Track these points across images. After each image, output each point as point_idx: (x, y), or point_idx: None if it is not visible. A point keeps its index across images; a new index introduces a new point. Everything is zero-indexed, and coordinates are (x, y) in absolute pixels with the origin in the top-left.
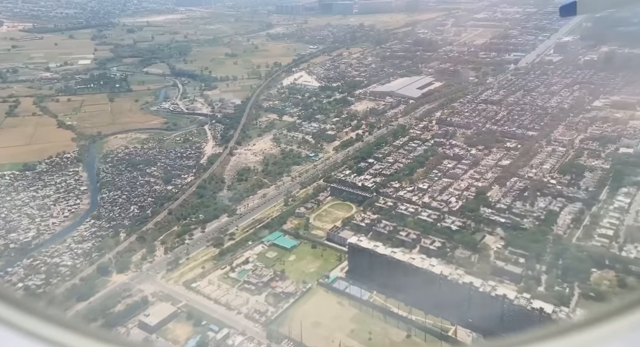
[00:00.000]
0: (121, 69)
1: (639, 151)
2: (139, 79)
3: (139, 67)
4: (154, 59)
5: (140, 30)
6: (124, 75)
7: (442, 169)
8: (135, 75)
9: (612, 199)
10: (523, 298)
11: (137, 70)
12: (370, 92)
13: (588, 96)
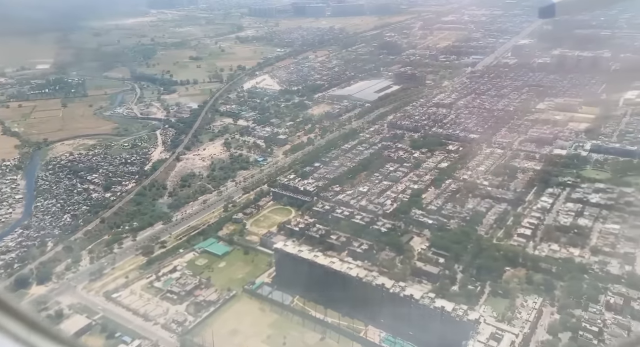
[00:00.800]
0: (81, 74)
1: (571, 152)
2: (97, 84)
3: (99, 72)
4: (116, 62)
5: (108, 33)
6: (82, 79)
7: (384, 172)
8: (94, 79)
9: (537, 200)
10: (428, 298)
11: (97, 75)
12: (329, 96)
13: (535, 99)
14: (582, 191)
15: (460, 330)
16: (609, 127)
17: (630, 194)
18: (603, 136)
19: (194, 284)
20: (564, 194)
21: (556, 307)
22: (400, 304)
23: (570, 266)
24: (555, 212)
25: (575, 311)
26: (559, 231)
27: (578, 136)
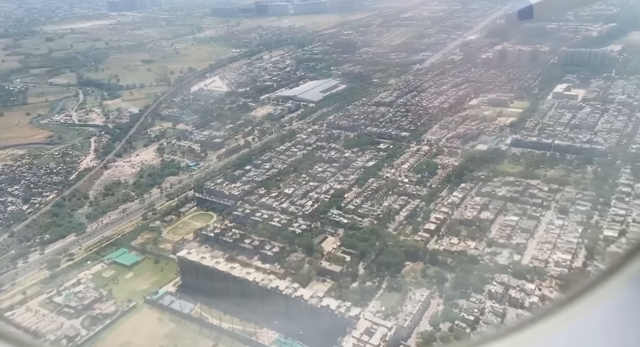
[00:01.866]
0: (25, 81)
1: (492, 147)
2: (40, 91)
3: (45, 78)
4: (64, 68)
5: (62, 38)
6: (25, 87)
7: (312, 173)
8: (38, 86)
9: (450, 195)
10: (316, 297)
11: (42, 81)
12: (275, 97)
13: (471, 95)
14: (492, 185)
15: (342, 326)
16: (532, 121)
17: (535, 185)
18: (525, 130)
19: (93, 297)
20: (476, 189)
21: (443, 298)
22: (292, 305)
23: (463, 258)
24: (464, 207)
25: (460, 301)
26: (463, 224)
27: (502, 131)
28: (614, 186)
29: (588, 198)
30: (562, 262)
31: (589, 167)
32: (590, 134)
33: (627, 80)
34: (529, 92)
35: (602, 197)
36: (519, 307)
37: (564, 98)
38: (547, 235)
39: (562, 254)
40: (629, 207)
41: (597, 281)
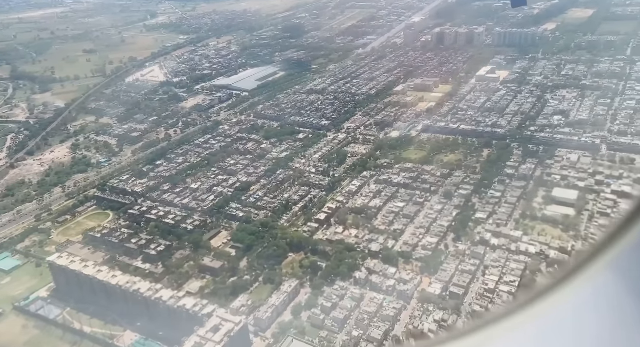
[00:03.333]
0: None
1: (403, 134)
2: None
3: None
4: (1, 61)
5: (7, 28)
6: None
7: (224, 166)
8: None
9: (350, 184)
10: (176, 298)
11: None
12: (209, 87)
13: (401, 80)
14: (391, 172)
15: (196, 325)
16: (448, 106)
17: (428, 171)
18: (438, 115)
19: None
20: (376, 177)
21: (311, 287)
22: (153, 307)
23: (340, 247)
24: (359, 195)
25: (326, 289)
26: (354, 213)
27: (418, 117)
28: (500, 169)
29: (473, 182)
30: (428, 245)
31: (486, 150)
32: (497, 117)
33: (550, 60)
34: (455, 76)
35: (486, 180)
36: (378, 291)
37: (485, 81)
38: (424, 220)
39: (430, 238)
40: (506, 189)
41: (572, 269)
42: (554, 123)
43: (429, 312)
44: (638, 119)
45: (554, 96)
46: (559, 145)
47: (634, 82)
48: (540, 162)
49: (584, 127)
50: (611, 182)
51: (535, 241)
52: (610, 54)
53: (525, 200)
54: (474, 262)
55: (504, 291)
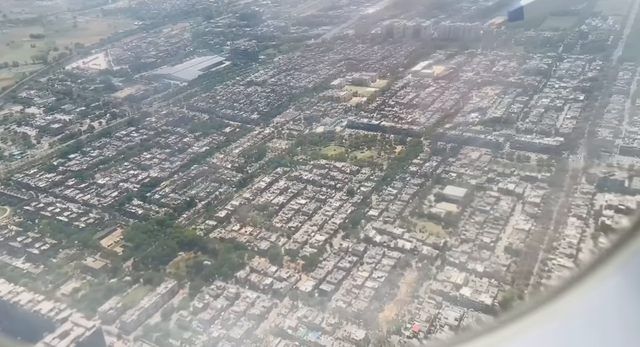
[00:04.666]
0: None
1: (327, 129)
2: None
3: None
4: None
5: None
6: None
7: (139, 160)
8: None
9: (261, 180)
10: (34, 301)
11: None
12: (150, 76)
13: (342, 73)
14: (304, 168)
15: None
16: (378, 101)
17: (339, 168)
18: (366, 111)
19: None
20: (288, 173)
21: (188, 287)
22: (11, 311)
23: (231, 245)
24: (267, 192)
25: (204, 289)
26: (257, 210)
27: (347, 112)
28: (405, 166)
29: (376, 179)
30: (315, 243)
31: (399, 147)
32: (420, 113)
33: (486, 56)
34: (393, 71)
35: (389, 177)
36: (255, 289)
37: (420, 76)
38: (321, 217)
39: (320, 236)
40: (404, 186)
41: (582, 273)
42: (469, 120)
43: (295, 309)
44: (547, 117)
45: (478, 93)
46: (467, 143)
47: (555, 80)
48: (443, 159)
49: (496, 125)
50: (500, 180)
51: (413, 238)
52: (543, 51)
53: (418, 197)
54: (352, 259)
55: (369, 286)
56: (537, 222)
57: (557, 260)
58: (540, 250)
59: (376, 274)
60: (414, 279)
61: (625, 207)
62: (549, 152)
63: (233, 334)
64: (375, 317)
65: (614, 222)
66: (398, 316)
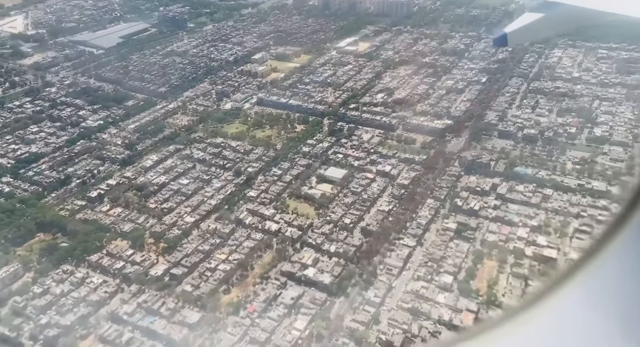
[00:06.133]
0: None
1: (236, 106)
2: None
3: None
4: None
5: None
6: None
7: (23, 134)
8: None
9: (148, 159)
10: None
11: None
12: (64, 42)
13: (267, 47)
14: (198, 146)
15: None
16: (295, 78)
17: (234, 147)
18: (280, 89)
19: None
20: (181, 151)
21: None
22: None
23: (94, 227)
24: (152, 171)
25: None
26: (135, 189)
27: (261, 89)
28: (299, 146)
29: (267, 159)
30: (184, 225)
31: (300, 127)
32: (331, 92)
33: (411, 33)
34: (319, 46)
35: (279, 157)
36: (106, 274)
37: (342, 53)
38: (199, 198)
39: (190, 217)
40: (290, 167)
41: (564, 273)
42: (373, 101)
43: (140, 294)
44: (445, 100)
45: (391, 73)
46: (364, 124)
47: (466, 61)
48: (337, 140)
49: (396, 106)
50: (381, 161)
51: (282, 219)
52: (466, 30)
53: (300, 179)
54: (216, 241)
55: (221, 269)
56: (399, 204)
57: (404, 240)
58: (392, 231)
59: (233, 257)
60: (269, 261)
61: (480, 189)
62: (435, 135)
63: (64, 321)
64: (219, 300)
65: (465, 203)
66: (241, 297)
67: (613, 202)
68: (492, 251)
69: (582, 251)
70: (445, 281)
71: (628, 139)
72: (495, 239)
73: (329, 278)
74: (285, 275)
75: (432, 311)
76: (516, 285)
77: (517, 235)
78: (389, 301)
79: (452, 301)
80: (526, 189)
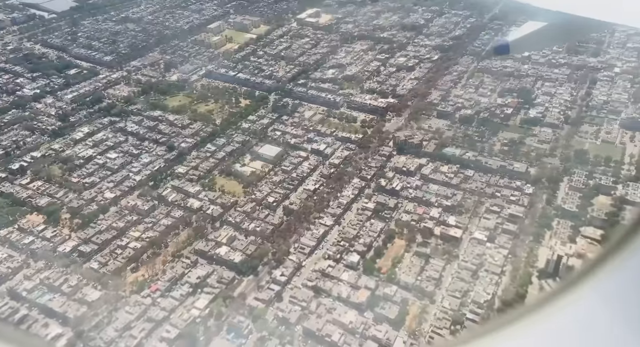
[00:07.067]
0: None
1: (183, 78)
2: None
3: None
4: None
5: None
6: None
7: None
8: None
9: (79, 131)
10: None
11: None
12: (13, 4)
13: (227, 15)
14: (134, 119)
15: None
16: (249, 50)
17: (171, 121)
18: (231, 61)
19: None
20: (115, 124)
21: None
22: None
23: (8, 200)
24: (82, 143)
25: None
26: (61, 162)
27: (212, 60)
28: (240, 121)
29: (204, 134)
30: (103, 200)
31: (245, 102)
32: (282, 66)
33: (374, 6)
34: (280, 16)
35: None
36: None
37: (303, 25)
38: (125, 173)
39: (110, 193)
40: (226, 143)
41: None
42: (324, 77)
43: (44, 271)
44: (394, 77)
45: (347, 48)
46: (310, 100)
47: (423, 37)
48: (279, 117)
49: (345, 83)
50: (317, 140)
51: (207, 197)
52: (429, 4)
53: (234, 156)
54: (133, 218)
55: (132, 247)
56: (326, 183)
57: (323, 220)
58: (314, 210)
59: (147, 234)
60: (185, 239)
61: (406, 169)
62: (377, 114)
63: None
64: (124, 278)
65: (389, 183)
66: (149, 276)
67: (528, 183)
68: (404, 231)
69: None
70: (352, 260)
71: (559, 121)
72: (409, 219)
73: (241, 257)
74: (198, 253)
75: (334, 288)
76: (417, 263)
77: (430, 215)
78: (295, 280)
79: (354, 279)
80: (450, 170)
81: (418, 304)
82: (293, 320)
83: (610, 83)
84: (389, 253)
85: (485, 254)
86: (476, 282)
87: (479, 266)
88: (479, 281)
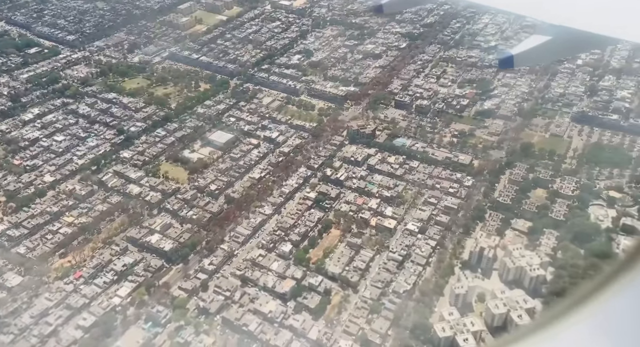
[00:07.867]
0: None
1: (145, 59)
2: None
3: None
4: None
5: None
6: None
7: None
8: None
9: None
10: None
11: None
12: None
13: None
14: (84, 101)
15: None
16: (217, 33)
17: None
18: (197, 43)
19: None
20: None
21: None
22: None
23: None
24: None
25: None
26: (4, 143)
27: (177, 42)
28: (195, 106)
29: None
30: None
31: (206, 86)
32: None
33: None
34: None
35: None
36: None
37: (277, 7)
38: (68, 157)
39: (50, 177)
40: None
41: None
42: (289, 63)
43: None
44: (358, 65)
45: (317, 33)
46: (270, 86)
47: (394, 23)
48: (236, 103)
49: (309, 69)
50: (270, 127)
51: (148, 183)
52: None
53: (184, 141)
54: (68, 203)
55: (62, 232)
56: (273, 172)
57: (262, 209)
58: (255, 199)
59: (81, 220)
60: (118, 226)
61: (354, 159)
62: (336, 102)
63: None
64: (51, 264)
65: (334, 173)
66: (75, 262)
67: (470, 175)
68: (341, 221)
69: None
70: (284, 250)
71: (512, 113)
72: (347, 209)
73: (171, 245)
74: (129, 241)
75: (261, 278)
76: (346, 254)
77: (368, 206)
78: (225, 269)
79: (282, 269)
80: (396, 160)
81: (341, 294)
82: (213, 310)
83: (570, 75)
84: (322, 243)
85: (414, 245)
86: (400, 272)
87: (406, 257)
88: (403, 271)
